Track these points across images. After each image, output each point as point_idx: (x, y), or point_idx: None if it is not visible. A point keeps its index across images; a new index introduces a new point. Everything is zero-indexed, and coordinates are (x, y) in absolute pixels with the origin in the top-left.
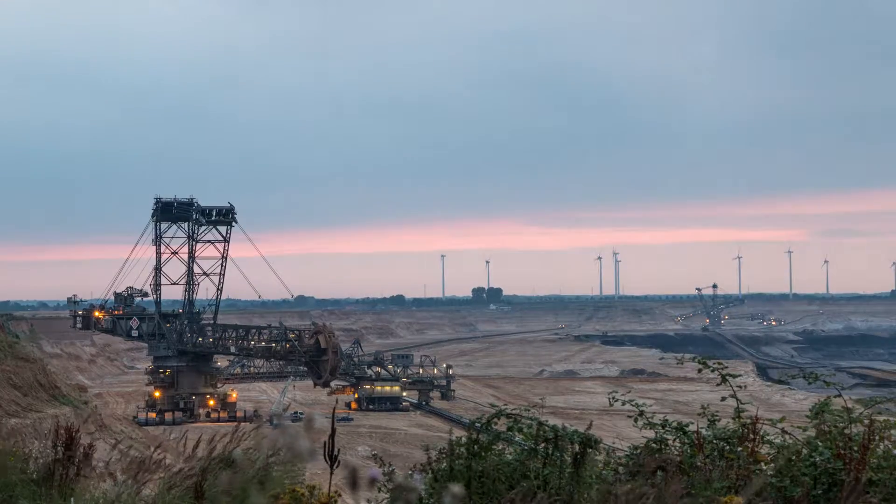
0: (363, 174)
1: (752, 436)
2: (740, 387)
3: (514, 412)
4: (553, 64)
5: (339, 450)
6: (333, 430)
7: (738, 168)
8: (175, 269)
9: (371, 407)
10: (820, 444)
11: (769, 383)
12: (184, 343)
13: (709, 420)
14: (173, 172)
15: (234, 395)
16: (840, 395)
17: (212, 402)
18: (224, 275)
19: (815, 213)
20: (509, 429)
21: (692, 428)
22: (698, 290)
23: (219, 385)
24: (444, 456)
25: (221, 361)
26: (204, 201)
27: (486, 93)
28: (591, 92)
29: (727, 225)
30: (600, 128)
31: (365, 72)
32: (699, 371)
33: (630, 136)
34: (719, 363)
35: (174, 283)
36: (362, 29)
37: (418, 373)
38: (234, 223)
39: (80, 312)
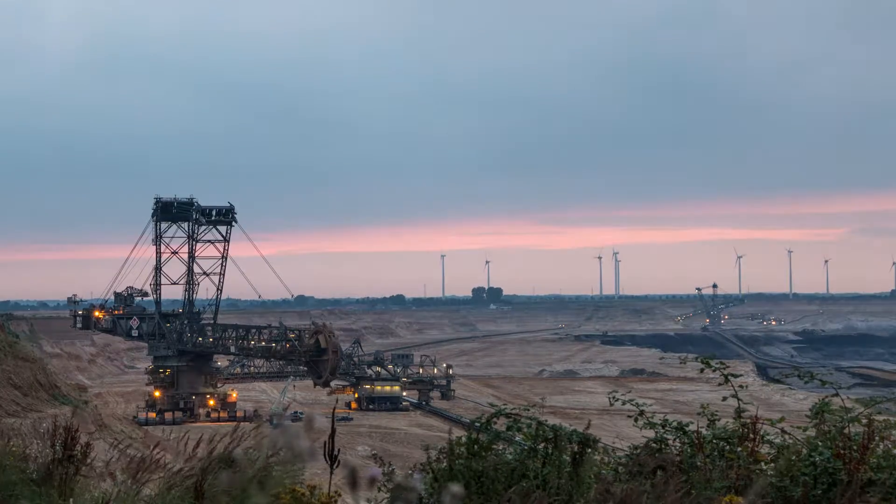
0: (363, 174)
1: (752, 435)
2: (741, 387)
3: (513, 412)
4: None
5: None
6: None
7: (737, 168)
8: (175, 268)
9: (371, 407)
10: (820, 443)
11: (768, 383)
12: (184, 343)
13: (709, 420)
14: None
15: (234, 395)
16: (837, 395)
17: (212, 402)
18: (224, 275)
19: (816, 213)
20: (509, 428)
21: (692, 428)
22: (698, 289)
23: (219, 385)
24: (443, 455)
25: (221, 361)
26: (203, 201)
27: (486, 91)
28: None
29: (727, 225)
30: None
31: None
32: (701, 371)
33: (631, 136)
34: (721, 363)
35: (174, 283)
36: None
37: (418, 373)
38: (233, 223)
39: (80, 312)
